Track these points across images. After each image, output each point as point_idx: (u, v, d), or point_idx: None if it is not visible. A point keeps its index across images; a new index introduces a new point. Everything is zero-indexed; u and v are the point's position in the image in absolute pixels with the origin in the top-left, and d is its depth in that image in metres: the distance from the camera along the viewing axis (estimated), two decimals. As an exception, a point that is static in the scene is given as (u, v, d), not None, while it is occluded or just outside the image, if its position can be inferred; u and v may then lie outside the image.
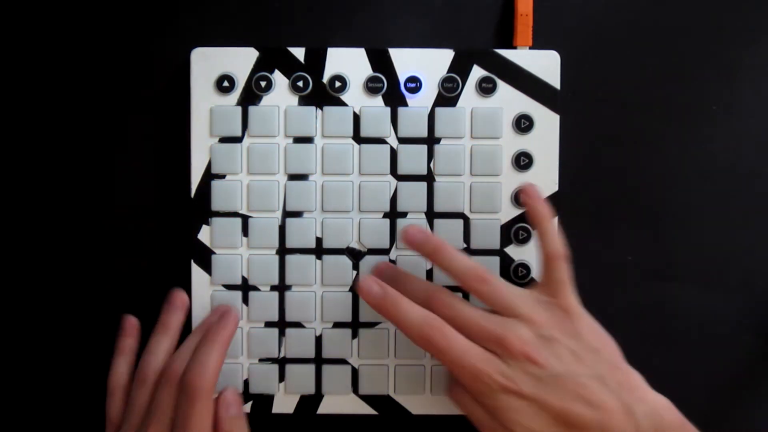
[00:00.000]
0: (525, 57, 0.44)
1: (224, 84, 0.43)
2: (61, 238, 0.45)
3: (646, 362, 0.46)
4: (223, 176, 0.44)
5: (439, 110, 0.44)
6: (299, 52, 0.44)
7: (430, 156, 0.44)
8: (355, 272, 0.44)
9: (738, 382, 0.46)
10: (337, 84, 0.43)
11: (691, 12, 0.45)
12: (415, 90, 0.44)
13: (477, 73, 0.44)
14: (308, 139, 0.44)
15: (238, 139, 0.44)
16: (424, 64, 0.44)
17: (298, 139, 0.44)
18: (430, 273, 0.44)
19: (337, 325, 0.44)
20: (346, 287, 0.44)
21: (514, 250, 0.44)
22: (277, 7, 0.45)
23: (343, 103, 0.44)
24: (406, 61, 0.44)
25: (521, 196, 0.42)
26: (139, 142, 0.45)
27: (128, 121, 0.45)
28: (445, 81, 0.44)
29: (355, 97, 0.44)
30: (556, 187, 0.44)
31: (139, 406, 0.40)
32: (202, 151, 0.44)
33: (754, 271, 0.46)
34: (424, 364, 0.44)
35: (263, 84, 0.44)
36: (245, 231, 0.44)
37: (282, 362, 0.44)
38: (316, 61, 0.44)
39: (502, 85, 0.44)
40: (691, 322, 0.46)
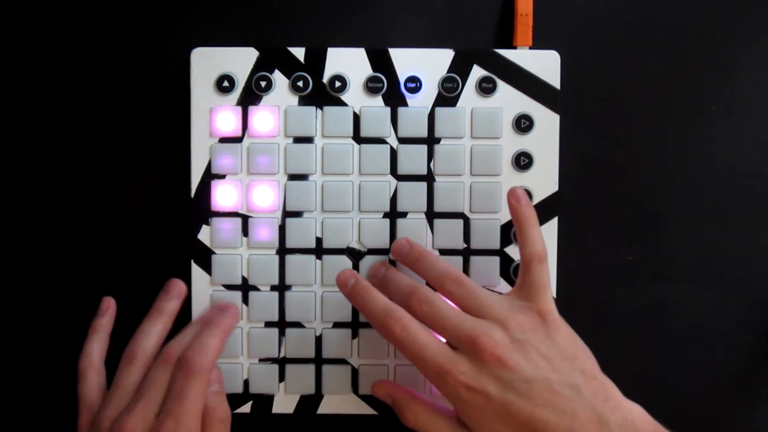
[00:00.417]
0: (525, 57, 0.44)
1: (224, 84, 0.43)
2: (61, 238, 0.45)
3: (646, 362, 0.46)
4: (223, 176, 0.44)
5: (439, 110, 0.44)
6: (299, 52, 0.44)
7: (430, 156, 0.44)
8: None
9: (738, 382, 0.46)
10: (337, 84, 0.43)
11: (691, 12, 0.45)
12: (415, 90, 0.44)
13: (477, 73, 0.44)
14: (308, 139, 0.44)
15: (238, 139, 0.44)
16: (424, 64, 0.44)
17: (298, 139, 0.44)
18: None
19: (337, 325, 0.44)
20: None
21: (514, 250, 0.44)
22: (277, 7, 0.45)
23: (343, 103, 0.44)
24: (406, 61, 0.44)
25: (508, 198, 0.40)
26: (139, 142, 0.45)
27: (128, 121, 0.45)
28: (445, 81, 0.44)
29: (355, 97, 0.44)
30: (556, 187, 0.44)
31: (125, 385, 0.39)
32: (202, 151, 0.44)
33: (754, 271, 0.46)
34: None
35: (263, 84, 0.44)
36: (245, 231, 0.44)
37: (282, 362, 0.44)
38: (316, 61, 0.44)
39: (502, 85, 0.44)
40: (691, 322, 0.46)
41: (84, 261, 0.45)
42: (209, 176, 0.44)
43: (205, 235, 0.44)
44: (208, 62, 0.43)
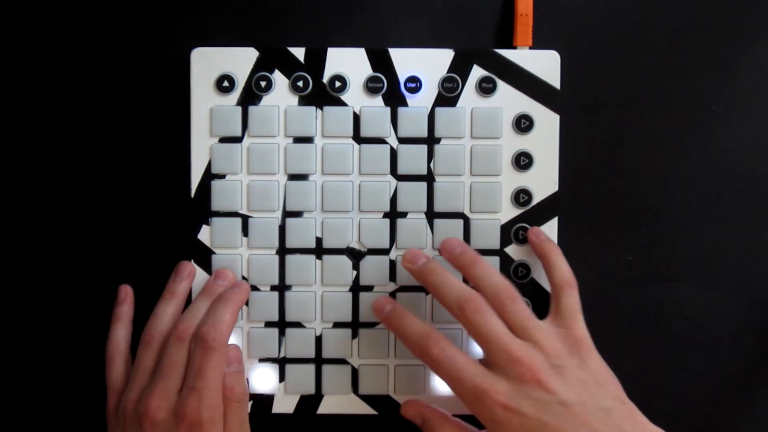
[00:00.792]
0: (525, 57, 0.44)
1: (224, 84, 0.43)
2: (61, 238, 0.45)
3: (646, 362, 0.46)
4: (223, 176, 0.44)
5: (439, 110, 0.44)
6: (299, 52, 0.44)
7: (430, 156, 0.44)
8: (355, 272, 0.44)
9: (738, 382, 0.46)
10: (337, 84, 0.43)
11: (691, 12, 0.45)
12: (415, 90, 0.44)
13: (477, 73, 0.44)
14: (308, 139, 0.44)
15: (238, 139, 0.44)
16: (424, 64, 0.44)
17: (298, 139, 0.44)
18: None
19: (337, 325, 0.44)
20: (346, 287, 0.44)
21: (514, 250, 0.44)
22: (277, 7, 0.45)
23: (343, 103, 0.44)
24: (406, 61, 0.44)
25: (529, 237, 0.43)
26: (139, 142, 0.45)
27: (128, 121, 0.45)
28: (445, 81, 0.44)
29: (355, 97, 0.44)
30: (556, 187, 0.44)
31: (145, 366, 0.40)
32: (202, 151, 0.44)
33: (754, 271, 0.46)
34: (423, 364, 0.44)
35: (263, 84, 0.44)
36: (245, 231, 0.44)
37: (282, 362, 0.44)
38: (316, 61, 0.44)
39: (502, 85, 0.44)
40: (691, 322, 0.46)
41: (84, 260, 0.45)
42: (209, 176, 0.44)
43: (205, 235, 0.44)
44: (208, 62, 0.43)
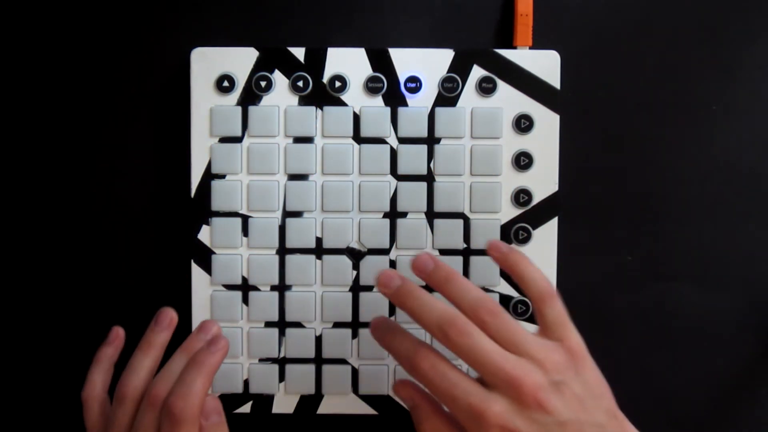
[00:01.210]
0: (525, 57, 0.44)
1: (224, 84, 0.43)
2: (61, 238, 0.45)
3: (646, 362, 0.46)
4: (223, 176, 0.44)
5: (439, 110, 0.44)
6: (299, 52, 0.44)
7: (430, 156, 0.44)
8: (355, 272, 0.44)
9: (738, 382, 0.46)
10: (337, 84, 0.43)
11: (691, 12, 0.45)
12: (415, 90, 0.44)
13: (477, 73, 0.44)
14: (308, 139, 0.44)
15: (238, 139, 0.44)
16: (424, 64, 0.44)
17: (298, 139, 0.44)
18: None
19: (337, 325, 0.44)
20: (346, 287, 0.44)
21: (514, 250, 0.44)
22: (277, 7, 0.45)
23: (343, 103, 0.44)
24: (406, 61, 0.44)
25: (490, 252, 0.39)
26: (139, 142, 0.45)
27: (128, 121, 0.45)
28: (445, 81, 0.44)
29: (355, 97, 0.44)
30: (556, 187, 0.44)
31: (120, 425, 0.38)
32: (202, 151, 0.44)
33: (754, 271, 0.46)
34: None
35: (263, 84, 0.44)
36: (245, 231, 0.44)
37: (282, 362, 0.44)
38: (316, 61, 0.44)
39: (502, 85, 0.44)
40: (691, 322, 0.46)
41: (84, 261, 0.45)
42: (209, 176, 0.44)
43: (205, 235, 0.44)
44: (208, 62, 0.43)
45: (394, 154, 0.44)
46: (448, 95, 0.44)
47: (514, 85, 0.44)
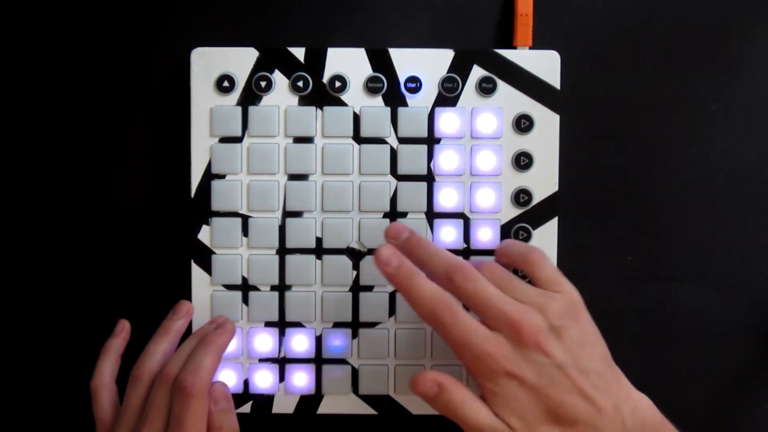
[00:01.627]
0: (525, 57, 0.44)
1: (224, 84, 0.43)
2: (61, 238, 0.45)
3: (646, 362, 0.46)
4: (223, 176, 0.44)
5: (439, 110, 0.44)
6: (299, 52, 0.44)
7: (430, 156, 0.44)
8: (355, 272, 0.44)
9: (738, 382, 0.46)
10: (337, 84, 0.43)
11: (691, 12, 0.45)
12: (415, 90, 0.44)
13: (477, 73, 0.44)
14: (308, 139, 0.44)
15: (238, 139, 0.44)
16: (424, 64, 0.44)
17: (298, 139, 0.44)
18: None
19: (337, 325, 0.44)
20: (346, 287, 0.44)
21: (514, 250, 0.44)
22: (277, 7, 0.45)
23: (343, 103, 0.44)
24: (406, 61, 0.44)
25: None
26: (139, 142, 0.45)
27: (129, 121, 0.45)
28: (445, 81, 0.44)
29: (355, 97, 0.44)
30: (556, 187, 0.44)
31: (133, 405, 0.40)
32: (202, 151, 0.44)
33: (754, 271, 0.46)
34: (423, 364, 0.44)
35: (263, 84, 0.43)
36: (245, 231, 0.44)
37: (282, 362, 0.44)
38: (316, 61, 0.44)
39: (502, 85, 0.44)
40: (691, 322, 0.46)
41: (84, 261, 0.45)
42: (209, 176, 0.44)
43: (205, 235, 0.44)
44: (208, 62, 0.43)
45: (394, 154, 0.44)
46: (448, 95, 0.44)
47: (514, 85, 0.44)
